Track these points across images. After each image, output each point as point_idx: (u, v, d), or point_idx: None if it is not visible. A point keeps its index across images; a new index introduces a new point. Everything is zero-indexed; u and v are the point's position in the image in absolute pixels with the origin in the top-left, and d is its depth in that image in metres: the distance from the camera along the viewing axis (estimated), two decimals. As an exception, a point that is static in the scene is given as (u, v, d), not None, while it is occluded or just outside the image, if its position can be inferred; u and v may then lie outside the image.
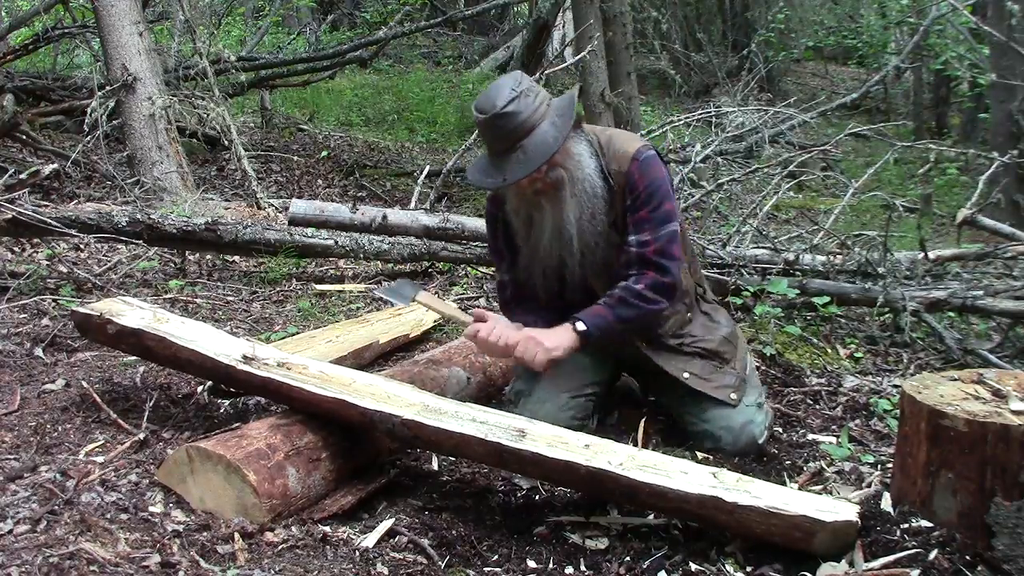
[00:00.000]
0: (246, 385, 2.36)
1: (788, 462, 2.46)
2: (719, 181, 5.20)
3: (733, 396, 2.49)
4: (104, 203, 5.26)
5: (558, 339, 2.35)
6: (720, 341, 2.56)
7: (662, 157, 2.48)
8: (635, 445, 2.44)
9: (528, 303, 2.55)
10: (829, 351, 3.47)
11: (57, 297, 3.72)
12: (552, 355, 2.33)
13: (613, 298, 2.40)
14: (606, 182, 2.38)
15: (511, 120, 2.24)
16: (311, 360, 2.38)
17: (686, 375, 2.48)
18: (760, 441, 2.46)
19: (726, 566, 1.88)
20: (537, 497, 2.24)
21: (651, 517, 2.07)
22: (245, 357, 2.32)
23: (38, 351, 3.12)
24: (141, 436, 2.37)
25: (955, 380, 2.00)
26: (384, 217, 4.46)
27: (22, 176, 4.70)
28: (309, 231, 4.52)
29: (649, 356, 2.52)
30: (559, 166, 2.31)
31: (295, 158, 7.95)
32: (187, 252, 4.50)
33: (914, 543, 1.81)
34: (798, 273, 3.91)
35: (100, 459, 2.25)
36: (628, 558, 1.92)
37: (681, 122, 5.95)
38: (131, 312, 2.53)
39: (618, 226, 2.43)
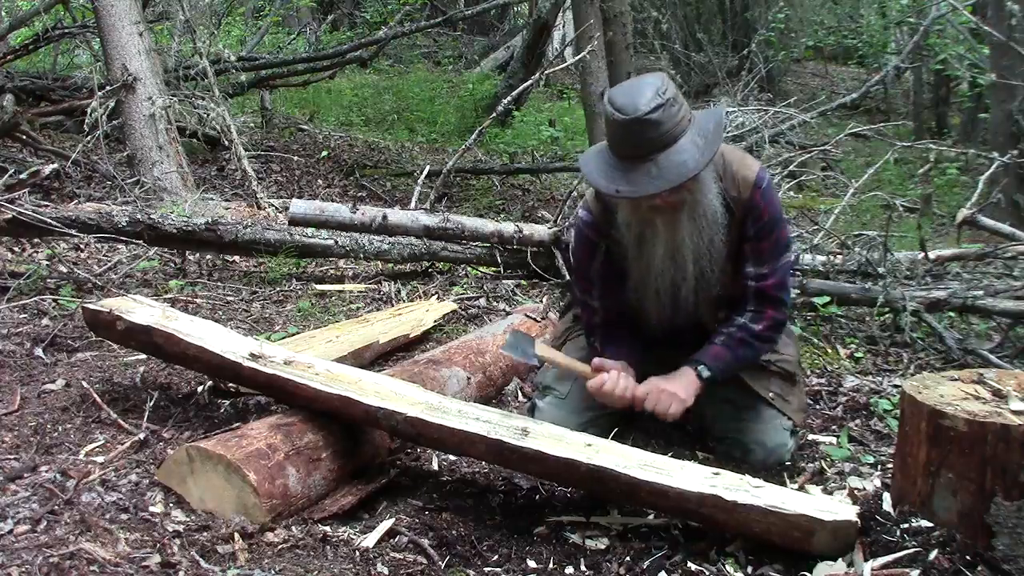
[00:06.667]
0: (252, 382, 2.37)
1: (788, 462, 2.46)
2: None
3: (801, 418, 2.49)
4: (104, 203, 5.25)
5: (686, 387, 2.28)
6: (795, 362, 2.54)
7: None
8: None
9: (615, 332, 2.44)
10: (829, 351, 3.48)
11: (57, 297, 3.71)
12: (686, 404, 2.28)
13: (733, 339, 2.34)
14: (727, 209, 2.25)
15: (653, 129, 2.05)
16: (317, 359, 2.38)
17: (771, 395, 2.43)
18: (786, 463, 2.44)
19: (726, 566, 1.88)
20: (537, 497, 2.24)
21: (651, 517, 2.07)
22: (252, 355, 2.33)
23: (38, 351, 3.11)
24: (141, 436, 2.37)
25: (955, 380, 2.00)
26: (384, 217, 4.46)
27: (22, 176, 4.71)
28: (309, 231, 4.52)
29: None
30: (684, 189, 2.14)
31: (295, 158, 7.95)
32: (187, 252, 4.49)
33: (914, 543, 1.81)
34: (798, 273, 3.91)
35: (100, 459, 2.24)
36: (628, 558, 1.92)
37: (681, 122, 5.92)
38: (140, 310, 2.55)
39: (732, 254, 2.32)
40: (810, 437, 2.65)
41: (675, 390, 2.28)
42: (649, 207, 2.20)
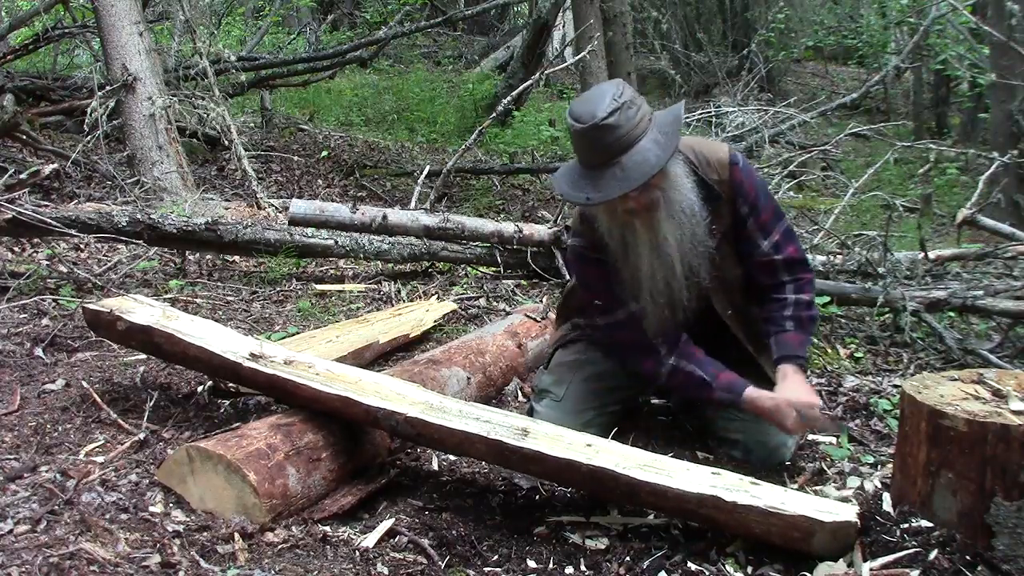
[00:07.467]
0: (252, 382, 2.37)
1: (788, 463, 2.46)
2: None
3: None
4: (104, 203, 5.26)
5: (807, 385, 2.33)
6: None
7: None
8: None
9: (676, 339, 2.42)
10: (829, 351, 3.48)
11: (57, 297, 3.71)
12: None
13: (800, 320, 2.38)
14: (710, 193, 2.28)
15: (611, 133, 2.10)
16: (317, 359, 2.38)
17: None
18: (786, 463, 2.45)
19: (726, 566, 1.88)
20: (537, 497, 2.24)
21: (651, 517, 2.07)
22: (252, 355, 2.33)
23: (38, 351, 3.11)
24: (141, 436, 2.37)
25: (955, 380, 2.00)
26: (384, 217, 4.46)
27: (22, 176, 4.70)
28: (309, 231, 4.52)
29: (753, 357, 2.46)
30: (655, 187, 2.17)
31: (295, 158, 7.95)
32: (187, 252, 4.50)
33: (914, 543, 1.81)
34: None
35: (100, 459, 2.24)
36: (628, 558, 1.92)
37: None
38: (141, 309, 2.55)
39: (728, 238, 2.35)
40: (810, 437, 2.65)
41: (809, 397, 2.30)
42: (625, 210, 2.21)
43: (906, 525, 1.87)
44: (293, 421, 2.19)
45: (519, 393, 3.07)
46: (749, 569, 1.87)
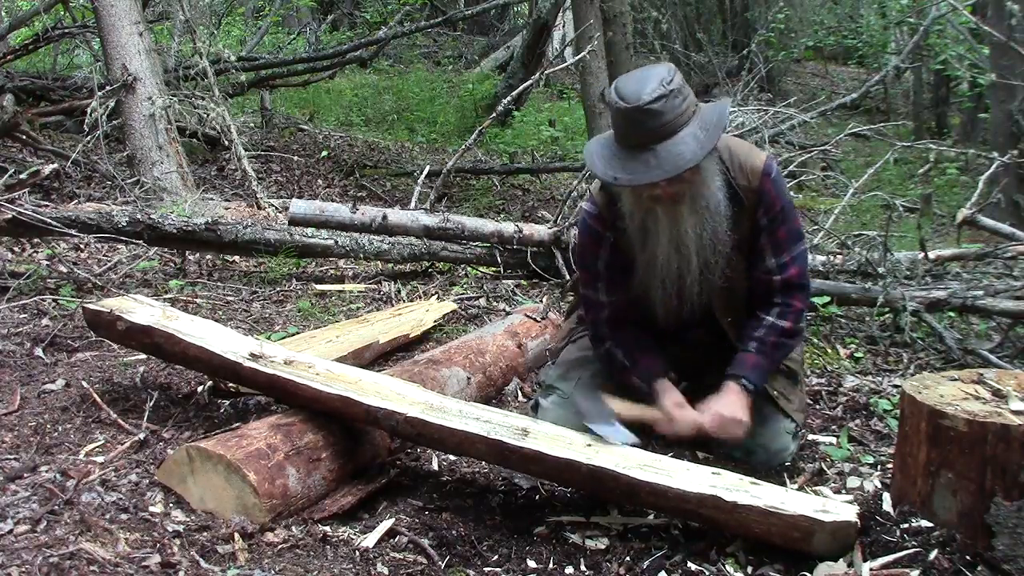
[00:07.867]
0: (252, 382, 2.37)
1: (788, 464, 2.46)
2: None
3: (801, 418, 2.49)
4: (104, 203, 5.26)
5: (742, 406, 2.27)
6: (799, 362, 2.54)
7: None
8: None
9: (632, 334, 2.43)
10: (829, 351, 3.48)
11: (57, 297, 3.71)
12: (747, 425, 2.27)
13: (767, 344, 2.33)
14: (734, 198, 2.26)
15: (654, 119, 2.07)
16: (317, 359, 2.39)
17: (775, 393, 2.43)
18: (787, 465, 2.44)
19: (726, 566, 1.89)
20: (537, 497, 2.25)
21: (651, 517, 2.07)
22: (252, 355, 2.33)
23: (38, 351, 3.11)
24: (141, 436, 2.37)
25: (955, 380, 2.00)
26: (384, 217, 4.46)
27: (22, 176, 4.70)
28: (309, 231, 4.52)
29: None
30: (685, 180, 2.15)
31: (295, 158, 7.94)
32: (187, 252, 4.49)
33: (914, 543, 1.81)
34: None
35: (100, 459, 2.25)
36: (628, 558, 1.92)
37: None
38: (141, 309, 2.55)
39: (743, 246, 2.32)
40: (810, 437, 2.65)
41: (735, 414, 2.26)
42: (650, 197, 2.20)
43: (906, 525, 1.87)
44: (293, 421, 2.19)
45: (519, 393, 3.07)
46: (749, 569, 1.88)
